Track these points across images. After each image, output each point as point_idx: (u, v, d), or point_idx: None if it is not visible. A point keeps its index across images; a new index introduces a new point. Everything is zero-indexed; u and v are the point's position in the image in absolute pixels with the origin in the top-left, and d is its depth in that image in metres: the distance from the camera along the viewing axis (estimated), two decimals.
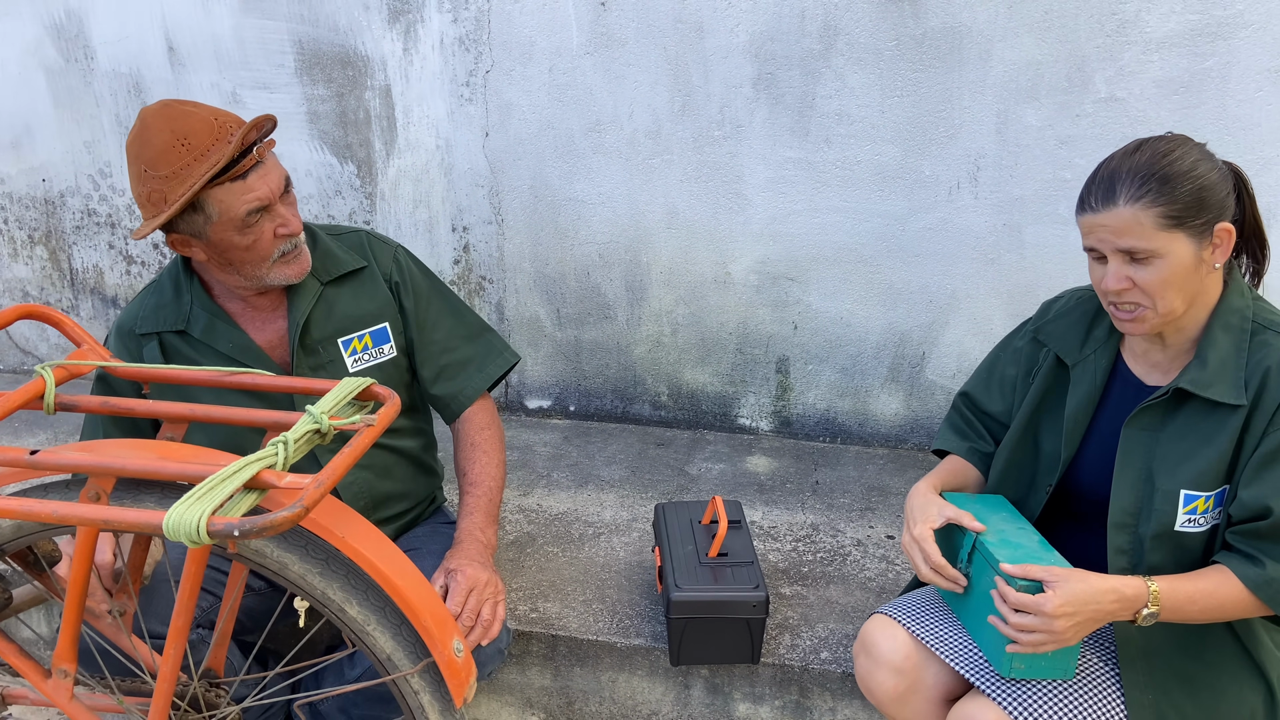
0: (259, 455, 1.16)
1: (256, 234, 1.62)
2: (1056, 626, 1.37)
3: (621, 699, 2.04)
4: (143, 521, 1.06)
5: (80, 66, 2.95)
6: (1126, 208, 1.37)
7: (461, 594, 1.60)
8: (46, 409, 1.32)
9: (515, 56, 2.66)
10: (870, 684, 1.61)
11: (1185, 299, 1.41)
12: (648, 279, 2.80)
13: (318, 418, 1.24)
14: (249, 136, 1.58)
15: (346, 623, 1.30)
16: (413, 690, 1.32)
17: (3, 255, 3.26)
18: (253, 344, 1.76)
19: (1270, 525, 1.37)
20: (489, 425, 1.91)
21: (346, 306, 1.82)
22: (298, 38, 2.77)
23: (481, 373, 1.94)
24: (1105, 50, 2.35)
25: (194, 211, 1.58)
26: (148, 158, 1.56)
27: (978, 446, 1.76)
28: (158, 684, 1.29)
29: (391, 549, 1.30)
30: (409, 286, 1.88)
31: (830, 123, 2.55)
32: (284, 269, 1.69)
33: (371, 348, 1.83)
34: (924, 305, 2.66)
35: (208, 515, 1.05)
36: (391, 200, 2.89)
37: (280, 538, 1.27)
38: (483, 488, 1.83)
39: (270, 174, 1.62)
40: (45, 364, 1.34)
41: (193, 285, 1.76)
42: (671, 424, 2.95)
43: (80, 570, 1.25)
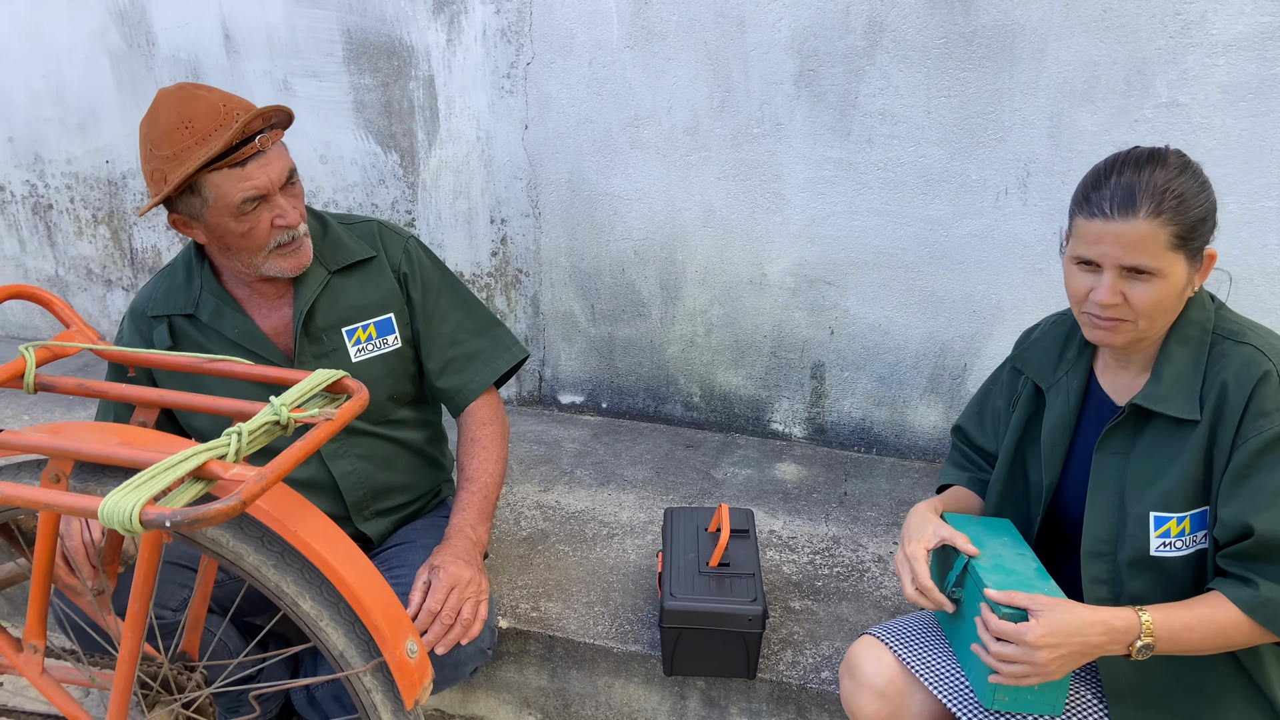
0: (209, 445, 1.15)
1: (252, 222, 1.62)
2: (1038, 658, 1.30)
3: (617, 705, 2.01)
4: (80, 506, 1.07)
5: (142, 52, 3.04)
6: (1146, 221, 1.29)
7: (442, 592, 1.58)
8: (26, 388, 1.34)
9: (556, 49, 2.63)
10: (853, 707, 1.55)
11: (1167, 320, 1.37)
12: (682, 277, 2.75)
13: (277, 409, 1.23)
14: (252, 125, 1.58)
15: (300, 617, 1.29)
16: (365, 689, 1.31)
17: (69, 233, 3.38)
18: (258, 330, 1.77)
19: (1255, 544, 1.29)
20: (491, 421, 1.89)
21: (352, 296, 1.82)
22: (346, 27, 2.79)
23: (488, 367, 1.91)
24: (1168, 52, 2.21)
25: (192, 194, 1.59)
26: (154, 137, 1.59)
27: (978, 475, 1.70)
28: (118, 664, 1.30)
29: (348, 546, 1.28)
30: (418, 278, 1.87)
31: (873, 122, 2.46)
32: (280, 261, 1.68)
33: (375, 338, 1.83)
34: (967, 315, 2.55)
35: (142, 503, 1.05)
36: (433, 190, 2.90)
37: (236, 529, 1.27)
38: (478, 484, 1.81)
39: (272, 164, 1.62)
40: (28, 344, 1.37)
41: (203, 270, 1.78)
42: (703, 425, 2.90)
43: (44, 549, 1.27)
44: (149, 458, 1.13)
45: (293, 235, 1.68)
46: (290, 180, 1.67)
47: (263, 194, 1.61)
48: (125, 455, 1.15)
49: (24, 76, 3.20)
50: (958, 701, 1.45)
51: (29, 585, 2.00)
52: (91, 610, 1.46)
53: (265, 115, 1.61)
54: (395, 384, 1.86)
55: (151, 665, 1.46)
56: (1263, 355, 1.33)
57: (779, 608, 2.06)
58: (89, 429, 1.26)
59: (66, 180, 3.31)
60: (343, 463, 1.82)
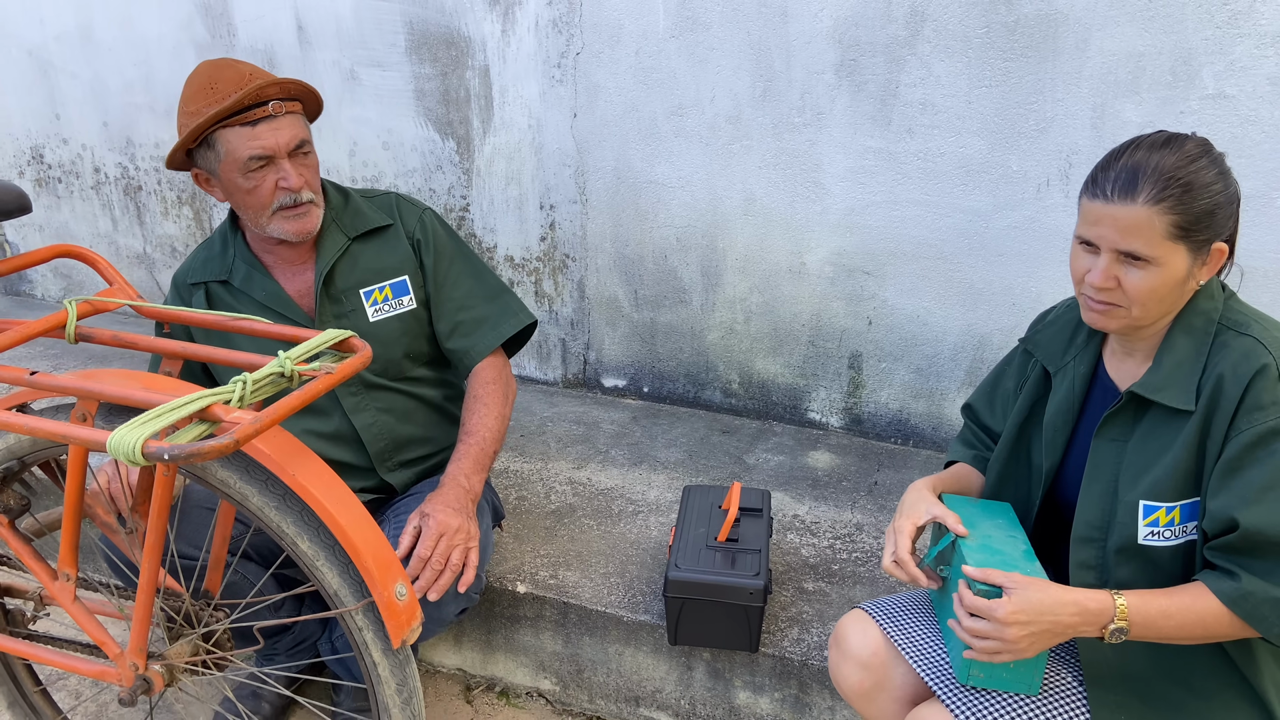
0: (215, 390, 1.25)
1: (258, 180, 1.75)
2: (1008, 634, 1.31)
3: (627, 672, 2.07)
4: (91, 438, 1.18)
5: (224, 42, 3.21)
6: (1144, 207, 1.28)
7: (432, 538, 1.67)
8: (68, 338, 1.47)
9: (604, 39, 2.70)
10: (838, 677, 1.58)
11: (1163, 310, 1.35)
12: (723, 265, 2.79)
13: (282, 362, 1.33)
14: (267, 92, 1.73)
15: (299, 556, 1.38)
16: (357, 627, 1.40)
17: (156, 213, 3.60)
18: (283, 293, 1.90)
19: (1240, 537, 1.27)
20: (495, 380, 1.98)
21: (370, 260, 1.94)
22: (409, 19, 2.91)
23: (495, 330, 2.01)
24: (1215, 43, 2.16)
25: (207, 148, 1.75)
26: (185, 96, 1.76)
27: (983, 454, 1.70)
28: (139, 590, 1.41)
29: (343, 492, 1.37)
30: (430, 244, 1.98)
31: (914, 112, 2.46)
32: (283, 223, 1.80)
33: (391, 299, 1.95)
34: (1006, 308, 2.53)
35: (145, 438, 1.15)
36: (486, 176, 3.00)
37: (243, 471, 1.37)
38: (476, 437, 1.90)
39: (282, 130, 1.75)
40: (71, 298, 1.49)
41: (236, 240, 1.92)
42: (740, 412, 2.94)
43: (73, 482, 1.39)
44: (161, 400, 1.24)
45: (296, 199, 1.80)
46: (301, 150, 1.80)
47: (269, 154, 1.74)
48: (140, 397, 1.26)
49: (118, 65, 3.41)
50: (935, 676, 1.46)
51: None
52: (125, 547, 1.59)
53: (283, 85, 1.76)
54: (411, 343, 1.98)
55: (177, 601, 1.58)
56: (1263, 348, 1.31)
57: (792, 587, 2.09)
58: (117, 375, 1.37)
59: (155, 163, 3.52)
60: (364, 415, 1.94)
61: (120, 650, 1.50)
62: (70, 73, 3.52)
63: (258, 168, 1.75)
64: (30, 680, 1.83)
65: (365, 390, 1.94)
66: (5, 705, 1.81)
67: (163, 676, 1.52)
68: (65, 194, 3.76)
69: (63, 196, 3.76)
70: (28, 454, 1.47)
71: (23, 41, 3.56)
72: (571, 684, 2.14)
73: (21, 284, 4.06)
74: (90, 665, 1.55)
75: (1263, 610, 1.27)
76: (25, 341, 1.42)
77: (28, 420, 1.23)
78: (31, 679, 1.83)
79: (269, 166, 1.75)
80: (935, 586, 1.52)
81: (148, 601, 1.43)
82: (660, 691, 2.05)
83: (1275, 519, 1.26)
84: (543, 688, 2.18)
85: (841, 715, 1.91)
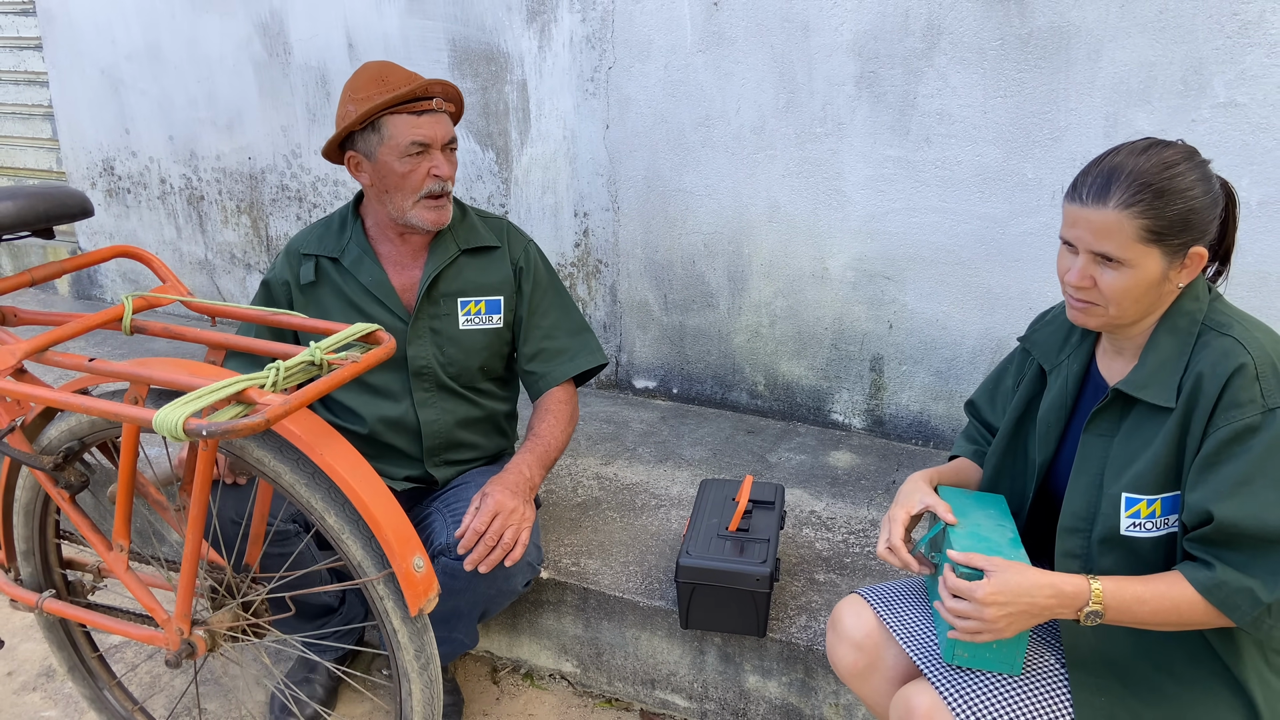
0: (250, 376, 1.39)
1: (413, 166, 1.91)
2: (987, 614, 1.37)
3: (644, 656, 2.16)
4: (139, 416, 1.32)
5: (280, 60, 3.40)
6: (1114, 211, 1.35)
7: (488, 514, 1.80)
8: (124, 330, 1.62)
9: (635, 54, 2.82)
10: (834, 657, 1.66)
11: (1140, 310, 1.41)
12: (749, 270, 2.88)
13: (312, 351, 1.46)
14: (432, 89, 1.91)
15: (327, 529, 1.51)
16: (378, 596, 1.52)
17: (217, 222, 3.80)
18: (389, 283, 2.05)
19: (1215, 530, 1.32)
20: (565, 401, 2.12)
21: (473, 274, 2.09)
22: (451, 36, 3.06)
23: (572, 362, 2.15)
24: (1225, 52, 2.21)
25: (372, 131, 1.91)
26: (354, 85, 1.92)
27: (983, 450, 1.77)
28: (183, 559, 1.55)
29: (367, 471, 1.49)
30: (530, 274, 2.13)
31: (931, 122, 2.54)
32: (425, 212, 1.96)
33: (484, 314, 2.09)
34: (1024, 312, 2.58)
35: (186, 416, 1.28)
36: (524, 185, 3.13)
37: (276, 451, 1.50)
38: (543, 440, 2.04)
39: (440, 124, 1.93)
40: (128, 294, 1.64)
41: (355, 224, 2.08)
42: (766, 414, 3.02)
43: (126, 458, 1.53)
44: (203, 384, 1.37)
45: (443, 188, 1.96)
46: (451, 146, 1.97)
47: (428, 143, 1.91)
48: (185, 381, 1.40)
49: (183, 82, 3.62)
50: (923, 655, 1.53)
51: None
52: (174, 522, 1.73)
53: (445, 87, 1.95)
54: (489, 358, 2.12)
55: (220, 574, 1.72)
56: (1242, 347, 1.36)
57: (803, 578, 2.17)
58: (166, 363, 1.51)
59: (216, 175, 3.72)
60: (429, 411, 2.08)
61: (168, 616, 1.64)
62: (139, 90, 3.74)
63: (416, 153, 1.90)
64: (89, 647, 1.98)
65: (436, 389, 2.09)
66: (66, 669, 1.96)
67: (205, 641, 1.65)
68: (134, 204, 3.98)
69: (131, 206, 3.99)
70: (87, 435, 1.62)
71: (96, 60, 3.79)
72: (591, 666, 2.24)
73: (93, 289, 4.29)
74: (141, 630, 1.69)
75: (1235, 599, 1.33)
76: (85, 332, 1.57)
77: (85, 400, 1.37)
78: (90, 646, 1.99)
79: (424, 155, 1.92)
80: (927, 572, 1.59)
81: (191, 570, 1.56)
82: (675, 675, 2.14)
83: (1249, 512, 1.31)
84: (564, 670, 2.29)
85: (845, 699, 1.98)
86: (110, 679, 1.99)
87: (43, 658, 2.39)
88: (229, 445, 1.51)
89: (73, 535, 1.88)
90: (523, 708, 2.23)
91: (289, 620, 2.09)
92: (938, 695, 1.46)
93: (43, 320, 1.68)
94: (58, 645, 1.96)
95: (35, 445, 1.66)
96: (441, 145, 1.94)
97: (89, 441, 1.64)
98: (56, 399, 1.40)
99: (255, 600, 1.70)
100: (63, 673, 1.99)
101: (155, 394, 1.51)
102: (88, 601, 1.86)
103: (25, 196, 1.63)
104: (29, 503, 1.78)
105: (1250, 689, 1.41)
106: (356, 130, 1.93)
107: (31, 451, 1.65)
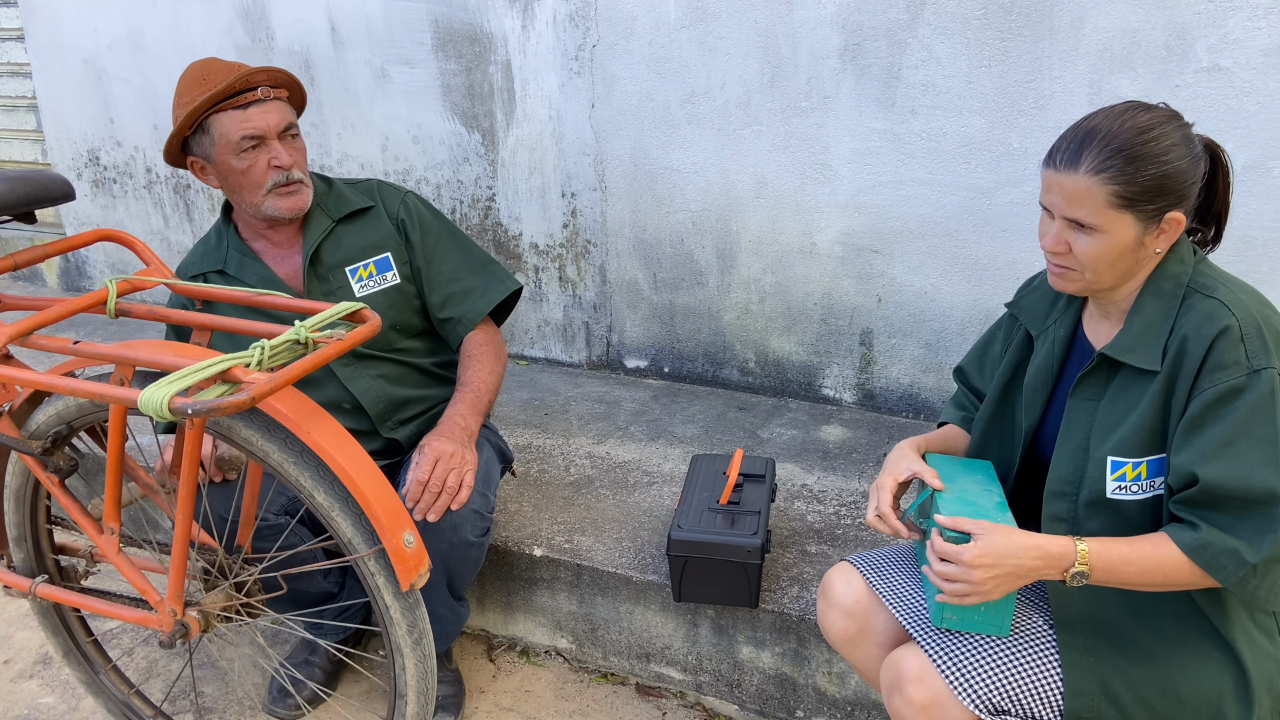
0: (235, 355, 1.39)
1: (251, 161, 1.90)
2: (974, 576, 1.38)
3: (638, 630, 2.17)
4: (124, 396, 1.32)
5: (263, 46, 3.38)
6: (1085, 177, 1.35)
7: (429, 463, 1.81)
8: (109, 313, 1.62)
9: (619, 31, 2.81)
10: (825, 624, 1.67)
11: (1116, 276, 1.41)
12: (737, 247, 2.88)
13: (298, 330, 1.46)
14: (255, 78, 1.88)
15: (316, 508, 1.51)
16: (370, 572, 1.52)
17: (203, 210, 3.79)
18: (274, 275, 2.05)
19: (1200, 491, 1.33)
20: (487, 342, 2.12)
21: (353, 239, 2.08)
22: (434, 17, 3.05)
23: (484, 299, 2.14)
24: (1207, 16, 2.21)
25: (201, 133, 1.90)
26: (179, 89, 1.91)
27: (971, 415, 1.77)
28: (174, 539, 1.55)
29: (355, 449, 1.50)
30: (415, 222, 2.12)
31: (916, 93, 2.54)
32: (277, 200, 1.95)
33: (375, 275, 2.08)
34: (1011, 282, 2.59)
35: (171, 395, 1.29)
36: (510, 167, 3.12)
37: (264, 430, 1.50)
38: (470, 386, 2.03)
39: (271, 113, 1.90)
40: (112, 277, 1.64)
41: (229, 231, 2.08)
42: (758, 390, 3.03)
43: (114, 442, 1.53)
44: (188, 364, 1.37)
45: (288, 177, 1.94)
46: (289, 132, 1.95)
47: (260, 135, 1.89)
48: (170, 361, 1.40)
49: (166, 70, 3.60)
50: (912, 620, 1.55)
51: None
52: (165, 505, 1.73)
53: (270, 73, 1.92)
54: (397, 315, 2.11)
55: (212, 555, 1.72)
56: (1226, 309, 1.36)
57: (795, 550, 2.18)
58: (151, 345, 1.51)
59: None
60: (360, 382, 2.07)
61: (160, 598, 1.64)
62: (123, 79, 3.72)
63: (250, 148, 1.89)
64: (83, 631, 1.99)
65: (356, 361, 2.08)
66: (61, 655, 1.97)
67: (199, 622, 1.66)
68: (120, 194, 3.97)
69: (118, 196, 3.97)
70: (75, 419, 1.62)
71: (79, 50, 3.77)
72: (586, 642, 2.25)
73: (81, 279, 4.28)
74: (134, 613, 1.70)
75: (1221, 560, 1.34)
76: (70, 316, 1.57)
77: (71, 382, 1.37)
78: (85, 631, 1.99)
79: (261, 147, 1.90)
80: (916, 538, 1.60)
81: (182, 551, 1.57)
82: (669, 648, 2.15)
83: (1234, 473, 1.32)
84: (560, 646, 2.30)
85: (838, 667, 2.00)
86: (106, 663, 2.00)
87: (39, 645, 2.40)
88: (216, 425, 1.52)
89: (64, 520, 1.88)
90: (519, 684, 2.25)
91: (290, 605, 2.10)
92: (927, 658, 1.47)
93: (27, 305, 1.68)
94: (52, 631, 1.96)
95: (23, 430, 1.66)
96: (278, 134, 1.91)
97: (77, 425, 1.65)
98: (42, 381, 1.40)
99: (248, 581, 1.71)
100: (59, 659, 1.99)
101: (141, 376, 1.51)
102: (81, 586, 1.87)
103: (5, 180, 1.62)
104: (19, 488, 1.78)
105: (1238, 649, 1.42)
106: (189, 135, 1.91)
107: (20, 436, 1.65)
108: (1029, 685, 1.43)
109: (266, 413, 1.49)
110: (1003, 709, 1.42)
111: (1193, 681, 1.42)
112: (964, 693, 1.41)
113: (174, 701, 2.21)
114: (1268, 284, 2.31)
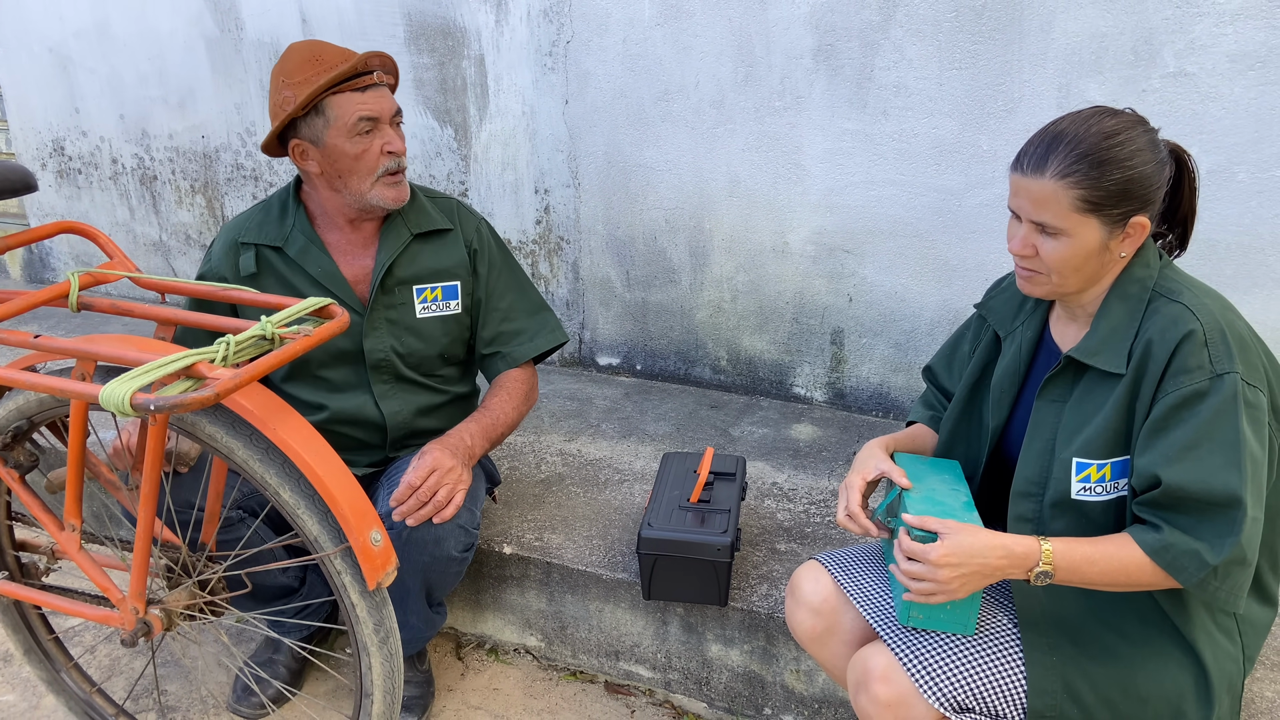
0: (200, 350, 1.37)
1: (365, 145, 1.85)
2: (940, 575, 1.39)
3: (608, 628, 2.17)
4: (85, 391, 1.30)
5: (232, 36, 3.34)
6: (1051, 181, 1.36)
7: (424, 470, 1.77)
8: (71, 307, 1.59)
9: (593, 28, 2.80)
10: (792, 622, 1.68)
11: (1083, 279, 1.42)
12: (710, 245, 2.89)
13: (264, 325, 1.44)
14: (371, 62, 1.84)
15: (282, 505, 1.50)
16: (336, 570, 1.51)
17: (170, 202, 3.74)
18: (339, 273, 1.97)
19: (1163, 493, 1.35)
20: (522, 381, 2.08)
21: (428, 259, 2.03)
22: (407, 10, 3.03)
23: (531, 343, 2.11)
24: (1175, 22, 2.24)
25: (315, 115, 1.82)
26: (287, 69, 1.83)
27: (939, 414, 1.78)
28: (136, 536, 1.53)
29: (321, 445, 1.48)
30: (485, 255, 2.08)
31: (888, 95, 2.55)
32: (384, 190, 1.90)
33: (440, 300, 2.04)
34: (980, 283, 2.61)
35: (133, 391, 1.27)
36: (483, 162, 3.11)
37: (229, 426, 1.48)
38: (490, 412, 2.00)
39: (384, 98, 1.86)
40: (74, 270, 1.62)
41: (298, 211, 1.99)
42: (729, 388, 3.03)
43: (75, 437, 1.51)
44: (151, 359, 1.35)
45: (399, 164, 1.90)
46: (398, 119, 1.91)
47: (376, 117, 1.84)
48: (133, 356, 1.38)
49: (133, 60, 3.55)
50: (880, 619, 1.55)
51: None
52: (127, 501, 1.71)
53: (383, 59, 1.87)
54: (449, 345, 2.07)
55: (175, 553, 1.70)
56: (1191, 314, 1.38)
57: (765, 548, 2.18)
58: (113, 339, 1.49)
59: (169, 154, 3.66)
60: (392, 402, 2.03)
61: (122, 596, 1.62)
62: (88, 68, 3.67)
63: (365, 131, 1.84)
64: (44, 629, 1.96)
65: (396, 381, 2.03)
66: (22, 653, 1.94)
67: (161, 620, 1.64)
68: (85, 185, 3.91)
69: (83, 187, 3.92)
70: (35, 414, 1.60)
71: (44, 38, 3.71)
72: (556, 640, 2.25)
73: (45, 272, 4.22)
74: (95, 611, 1.67)
75: (1182, 561, 1.35)
76: (30, 309, 1.54)
77: (31, 376, 1.35)
78: (45, 628, 1.96)
79: (375, 132, 1.85)
80: (885, 536, 1.61)
81: (145, 549, 1.55)
82: (638, 646, 2.16)
83: (1195, 476, 1.33)
84: (529, 644, 2.29)
85: (806, 664, 2.00)
86: (68, 661, 1.97)
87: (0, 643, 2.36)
88: (180, 421, 1.50)
89: (24, 516, 1.85)
90: (488, 683, 2.24)
91: (250, 601, 2.08)
92: (893, 656, 1.48)
93: None
94: (13, 628, 1.93)
95: None
96: (389, 119, 1.88)
97: (38, 420, 1.62)
98: (2, 376, 1.38)
99: (211, 579, 1.69)
100: (19, 656, 1.96)
101: (104, 371, 1.49)
102: (42, 583, 1.84)
103: None
104: None
105: (1199, 648, 1.44)
106: (299, 117, 1.83)
107: None
108: (994, 683, 1.44)
109: (231, 409, 1.47)
110: (967, 707, 1.43)
111: (1154, 680, 1.44)
112: (929, 691, 1.42)
113: (136, 700, 2.19)
114: (1231, 288, 2.34)
